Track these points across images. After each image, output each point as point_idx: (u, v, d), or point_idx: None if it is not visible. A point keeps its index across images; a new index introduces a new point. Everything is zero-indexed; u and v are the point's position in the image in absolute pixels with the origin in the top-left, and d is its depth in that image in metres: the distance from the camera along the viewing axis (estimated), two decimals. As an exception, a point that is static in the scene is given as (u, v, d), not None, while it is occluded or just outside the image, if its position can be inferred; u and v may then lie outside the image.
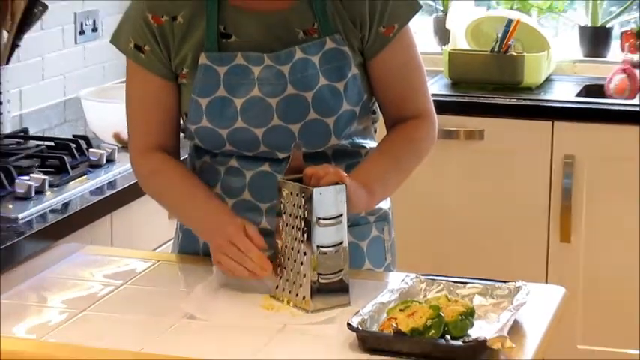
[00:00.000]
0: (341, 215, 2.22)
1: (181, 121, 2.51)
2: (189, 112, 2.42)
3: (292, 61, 2.37)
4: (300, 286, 2.22)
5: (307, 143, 2.37)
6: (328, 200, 2.21)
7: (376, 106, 2.54)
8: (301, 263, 2.22)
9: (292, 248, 2.24)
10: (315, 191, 2.18)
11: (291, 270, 2.25)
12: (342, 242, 2.23)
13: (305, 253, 2.20)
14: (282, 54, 2.38)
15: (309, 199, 2.18)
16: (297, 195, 2.22)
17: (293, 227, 2.24)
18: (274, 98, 2.37)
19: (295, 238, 2.23)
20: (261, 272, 2.24)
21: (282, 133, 2.39)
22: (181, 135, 2.57)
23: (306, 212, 2.19)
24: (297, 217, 2.22)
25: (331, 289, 2.22)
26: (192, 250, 2.53)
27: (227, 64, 2.38)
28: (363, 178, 2.34)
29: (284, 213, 2.26)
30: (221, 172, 2.48)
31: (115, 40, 2.49)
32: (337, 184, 2.22)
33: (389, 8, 2.41)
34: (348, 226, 2.36)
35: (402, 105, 2.49)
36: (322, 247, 2.20)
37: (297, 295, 2.23)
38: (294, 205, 2.23)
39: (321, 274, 2.20)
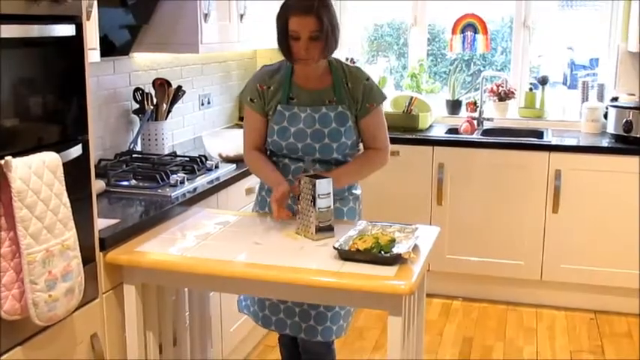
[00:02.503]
0: (329, 193, 2.21)
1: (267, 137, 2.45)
2: (269, 132, 2.39)
3: (320, 112, 2.34)
4: (310, 227, 2.21)
5: (322, 155, 2.36)
6: (323, 186, 2.20)
7: (360, 144, 2.48)
8: (311, 216, 2.21)
9: (307, 209, 2.22)
10: (317, 182, 2.19)
11: (306, 220, 2.23)
12: (330, 206, 2.21)
13: (313, 211, 2.19)
14: (316, 109, 2.35)
15: (314, 185, 2.19)
16: (308, 183, 2.21)
17: (307, 199, 2.22)
18: (309, 129, 2.34)
19: (308, 204, 2.21)
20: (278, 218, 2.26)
21: (310, 147, 2.35)
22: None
23: (313, 191, 2.19)
24: (308, 194, 2.21)
25: (325, 229, 2.21)
26: (262, 210, 2.50)
27: (289, 111, 2.35)
28: (336, 172, 2.34)
29: (302, 192, 2.24)
30: (280, 165, 2.42)
31: (241, 95, 2.45)
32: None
33: (372, 95, 2.38)
34: (339, 199, 2.39)
35: (373, 142, 2.44)
36: (321, 208, 2.19)
37: (308, 232, 2.21)
38: (307, 189, 2.22)
39: (320, 221, 2.19)
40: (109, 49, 2.90)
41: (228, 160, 3.13)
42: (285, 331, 2.41)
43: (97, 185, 2.39)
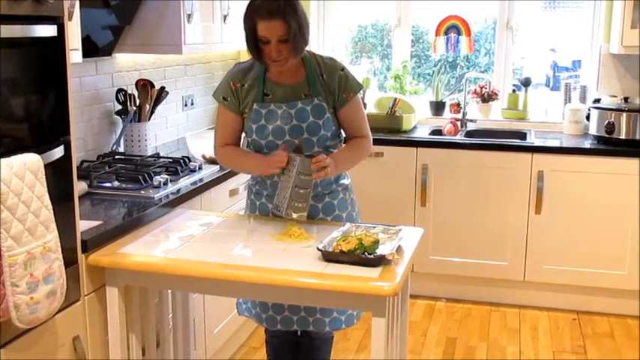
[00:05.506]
0: (310, 175, 2.24)
1: (243, 136, 2.47)
2: (247, 131, 2.40)
3: (296, 108, 2.34)
4: (285, 203, 2.27)
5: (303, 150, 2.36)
6: (305, 164, 2.24)
7: (342, 133, 2.48)
8: (288, 192, 2.25)
9: (286, 185, 2.27)
10: (299, 158, 2.24)
11: (282, 195, 2.29)
12: (309, 188, 2.25)
13: (290, 188, 2.24)
14: (292, 104, 2.34)
15: (297, 162, 2.24)
16: (293, 160, 2.26)
17: (288, 175, 2.26)
18: (287, 126, 2.33)
19: (287, 179, 2.26)
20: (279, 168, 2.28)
21: (290, 143, 2.34)
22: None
23: (294, 168, 2.24)
24: (292, 170, 2.25)
25: (299, 207, 2.28)
26: (253, 213, 2.51)
27: (266, 109, 2.35)
28: (334, 156, 2.34)
29: (286, 167, 2.28)
30: None
31: (215, 94, 2.44)
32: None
33: (348, 85, 2.38)
34: (328, 193, 2.41)
35: (355, 131, 2.44)
36: (298, 186, 2.24)
37: (283, 207, 2.27)
38: (292, 165, 2.26)
39: (294, 200, 2.26)
40: (91, 49, 2.90)
41: (211, 161, 3.12)
42: (293, 327, 2.42)
43: (79, 187, 2.38)
